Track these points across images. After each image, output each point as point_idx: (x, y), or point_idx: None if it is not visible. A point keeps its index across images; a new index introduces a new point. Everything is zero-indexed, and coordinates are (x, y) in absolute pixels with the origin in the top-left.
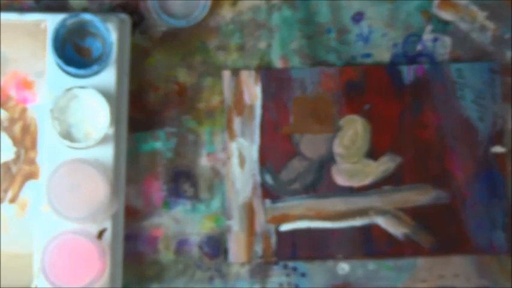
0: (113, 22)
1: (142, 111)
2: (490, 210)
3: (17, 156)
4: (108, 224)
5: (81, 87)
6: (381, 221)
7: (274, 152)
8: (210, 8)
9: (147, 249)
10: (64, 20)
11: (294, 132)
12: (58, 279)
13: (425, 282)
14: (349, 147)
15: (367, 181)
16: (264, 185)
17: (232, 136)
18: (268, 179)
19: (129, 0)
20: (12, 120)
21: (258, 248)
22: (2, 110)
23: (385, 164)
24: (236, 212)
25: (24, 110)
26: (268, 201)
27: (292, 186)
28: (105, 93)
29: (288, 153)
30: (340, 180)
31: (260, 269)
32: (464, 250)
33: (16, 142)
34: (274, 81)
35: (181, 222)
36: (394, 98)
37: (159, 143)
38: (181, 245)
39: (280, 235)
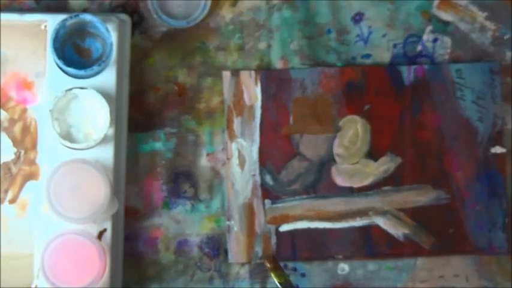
0: (112, 22)
1: (142, 112)
2: (490, 211)
3: (17, 157)
4: (108, 224)
5: (81, 87)
6: (381, 222)
7: (274, 153)
8: (210, 8)
9: (147, 250)
10: (64, 21)
11: (294, 133)
12: (58, 280)
13: (425, 282)
14: (349, 147)
15: (367, 181)
16: (263, 186)
17: (232, 136)
18: (268, 179)
19: (129, 0)
20: (12, 121)
21: (258, 249)
22: (2, 111)
23: (385, 165)
24: (236, 213)
25: (24, 111)
26: (268, 202)
27: (292, 187)
28: (105, 94)
29: (287, 153)
30: (340, 180)
31: (260, 269)
32: (464, 250)
33: (16, 143)
34: (274, 82)
35: (181, 223)
36: (394, 99)
37: (159, 144)
38: (181, 245)
39: (280, 235)
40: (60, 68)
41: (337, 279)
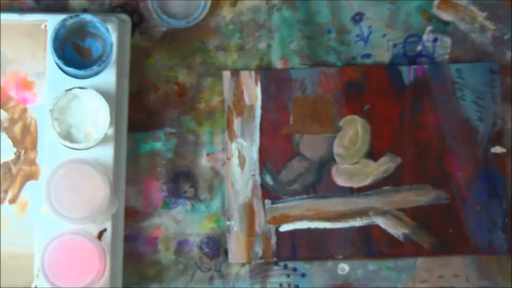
0: (113, 22)
1: (142, 112)
2: (490, 211)
3: (17, 157)
4: (108, 224)
5: (81, 87)
6: (381, 222)
7: (274, 153)
8: (210, 8)
9: (147, 250)
10: (64, 21)
11: (294, 133)
12: (58, 280)
13: (425, 282)
14: (349, 147)
15: (367, 182)
16: (264, 186)
17: (232, 136)
18: (268, 179)
19: (129, 0)
20: (12, 121)
21: (258, 249)
22: (2, 111)
23: (385, 165)
24: (236, 213)
25: (24, 111)
26: (268, 202)
27: (292, 187)
28: (105, 94)
29: (288, 153)
30: (340, 180)
31: (260, 270)
32: (464, 250)
33: (16, 143)
34: (274, 82)
35: (181, 223)
36: (394, 99)
37: (159, 144)
38: (181, 245)
39: (280, 235)
40: (60, 68)
41: (337, 279)
